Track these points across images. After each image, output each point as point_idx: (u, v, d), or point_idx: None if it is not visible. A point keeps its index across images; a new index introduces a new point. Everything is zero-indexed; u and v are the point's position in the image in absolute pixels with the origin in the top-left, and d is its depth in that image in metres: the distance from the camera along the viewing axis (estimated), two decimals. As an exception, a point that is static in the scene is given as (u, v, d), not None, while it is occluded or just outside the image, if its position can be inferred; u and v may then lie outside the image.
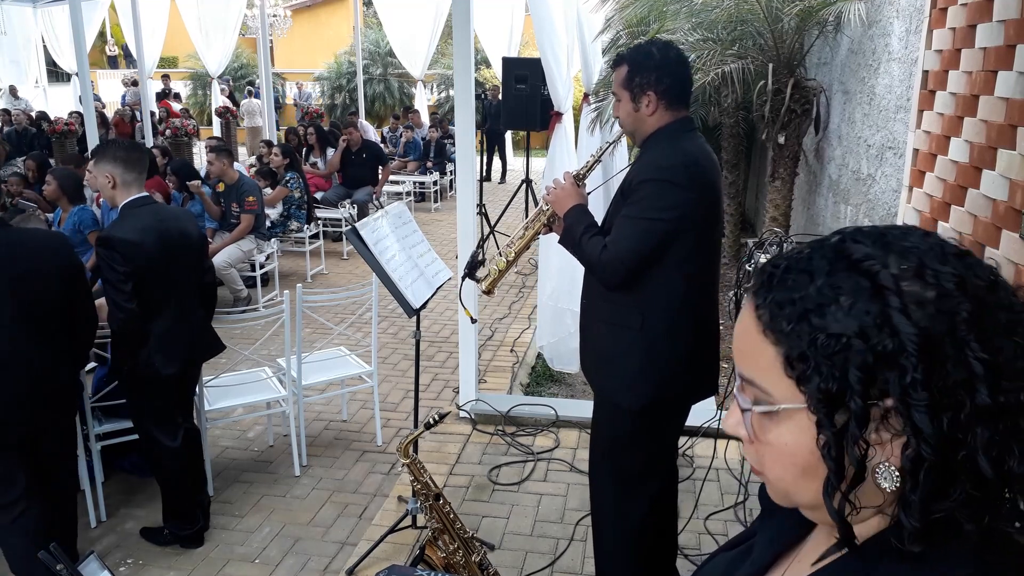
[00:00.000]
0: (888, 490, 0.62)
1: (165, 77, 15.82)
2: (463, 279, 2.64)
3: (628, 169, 2.38)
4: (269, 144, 8.56)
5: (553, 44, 4.17)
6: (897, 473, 0.61)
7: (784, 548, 0.79)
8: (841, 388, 0.60)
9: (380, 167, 8.69)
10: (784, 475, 0.68)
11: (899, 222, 3.34)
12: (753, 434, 0.69)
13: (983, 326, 0.60)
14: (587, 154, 4.96)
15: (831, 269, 0.63)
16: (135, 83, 15.06)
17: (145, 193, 2.92)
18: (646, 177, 2.20)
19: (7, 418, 2.53)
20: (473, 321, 3.47)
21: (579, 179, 2.40)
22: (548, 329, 4.63)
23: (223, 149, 6.41)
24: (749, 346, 0.68)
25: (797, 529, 0.78)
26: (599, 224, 2.33)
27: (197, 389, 3.35)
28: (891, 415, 0.60)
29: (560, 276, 4.45)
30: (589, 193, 2.46)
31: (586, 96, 5.31)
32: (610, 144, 2.54)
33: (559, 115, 4.43)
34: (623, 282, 2.21)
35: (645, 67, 2.23)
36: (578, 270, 4.37)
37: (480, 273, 2.55)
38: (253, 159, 10.39)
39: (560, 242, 2.39)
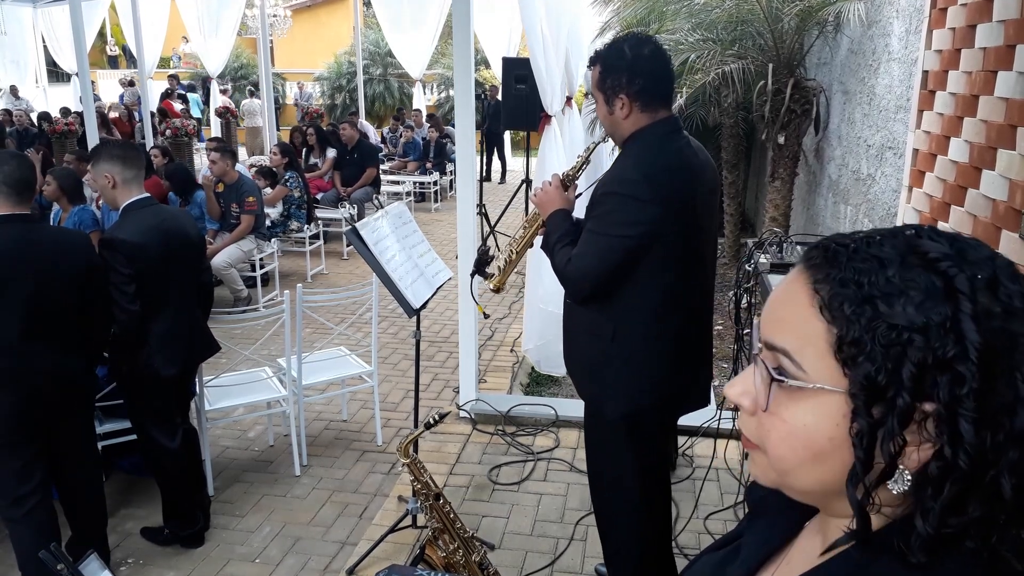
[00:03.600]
0: (894, 492, 0.61)
1: (172, 78, 15.74)
2: (472, 276, 2.61)
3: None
4: None
5: (544, 47, 4.19)
6: (909, 477, 0.61)
7: (773, 549, 0.78)
8: (889, 381, 0.59)
9: (367, 167, 8.66)
10: (789, 456, 0.65)
11: (899, 222, 3.35)
12: (764, 402, 0.66)
13: None
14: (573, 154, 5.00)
15: (903, 261, 0.61)
16: (132, 83, 15.06)
17: (147, 194, 2.92)
18: (609, 190, 2.12)
19: (25, 412, 2.55)
20: (486, 316, 3.46)
21: (568, 180, 2.33)
22: (536, 332, 4.61)
23: (227, 149, 6.41)
24: (794, 317, 0.65)
25: (786, 530, 0.78)
26: (579, 228, 2.25)
27: (197, 389, 3.36)
28: (928, 420, 0.59)
29: (551, 280, 4.43)
30: (579, 195, 2.40)
31: (569, 100, 5.37)
32: (596, 144, 2.45)
33: (549, 117, 4.47)
34: (589, 296, 2.17)
35: (616, 68, 2.12)
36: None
37: (490, 269, 2.52)
38: (254, 159, 10.39)
39: (541, 246, 2.35)
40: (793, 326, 0.65)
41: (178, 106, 13.31)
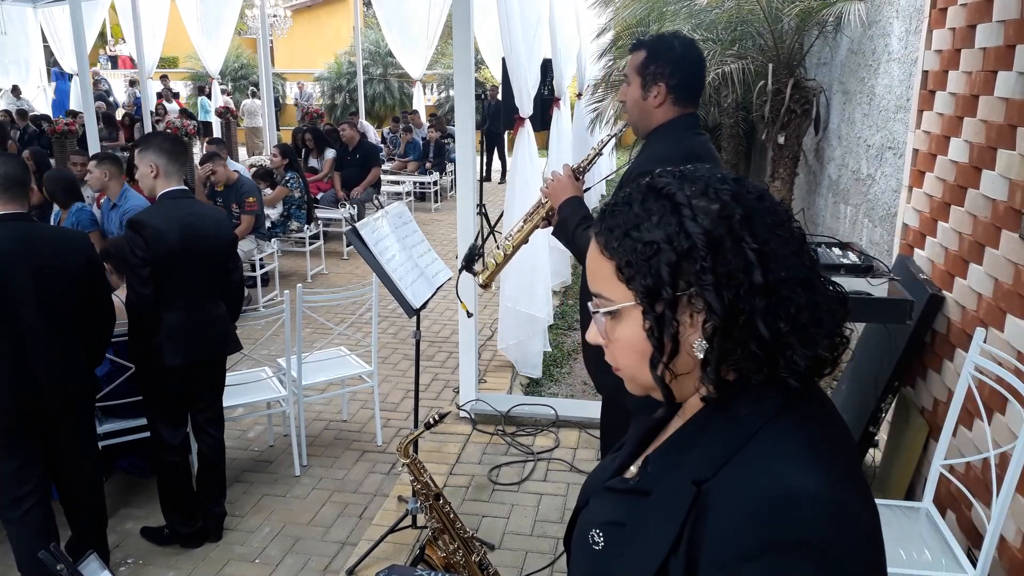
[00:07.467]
0: (699, 356, 0.81)
1: (163, 78, 15.73)
2: (460, 271, 2.62)
3: (629, 164, 2.35)
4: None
5: (517, 54, 4.24)
6: (704, 343, 0.80)
7: (651, 433, 0.98)
8: (656, 283, 0.80)
9: (371, 167, 8.67)
10: (630, 362, 0.87)
11: (899, 222, 3.34)
12: (606, 335, 0.88)
13: (754, 225, 0.80)
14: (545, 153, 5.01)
15: (644, 199, 0.85)
16: (132, 83, 15.01)
17: (183, 187, 2.98)
18: (645, 170, 2.17)
19: (24, 412, 2.54)
20: (469, 315, 3.46)
21: (579, 172, 2.36)
22: (510, 332, 4.61)
23: (216, 154, 6.39)
24: (595, 266, 0.88)
25: (661, 419, 0.97)
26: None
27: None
28: (694, 299, 0.80)
29: (519, 279, 4.45)
30: (587, 189, 2.43)
31: (556, 100, 5.42)
32: (611, 137, 2.49)
33: (522, 120, 4.53)
34: None
35: (663, 58, 2.19)
36: (537, 273, 4.39)
37: (477, 266, 2.52)
38: (254, 159, 10.38)
39: (553, 233, 2.36)
40: (598, 275, 0.88)
41: (172, 107, 13.25)
